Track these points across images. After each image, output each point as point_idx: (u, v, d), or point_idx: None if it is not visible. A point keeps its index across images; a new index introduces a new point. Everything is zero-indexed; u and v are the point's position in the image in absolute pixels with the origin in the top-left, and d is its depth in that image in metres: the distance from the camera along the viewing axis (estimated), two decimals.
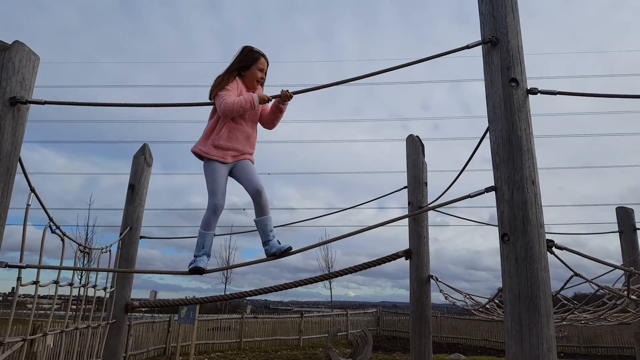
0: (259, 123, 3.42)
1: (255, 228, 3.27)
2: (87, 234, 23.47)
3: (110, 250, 4.36)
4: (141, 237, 4.76)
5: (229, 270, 32.77)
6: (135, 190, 4.70)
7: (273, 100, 3.21)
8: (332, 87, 3.06)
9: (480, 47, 2.55)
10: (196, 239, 3.19)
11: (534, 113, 2.39)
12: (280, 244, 3.18)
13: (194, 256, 3.14)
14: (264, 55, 3.37)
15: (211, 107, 3.29)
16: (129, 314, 4.66)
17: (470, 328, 20.78)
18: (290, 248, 3.12)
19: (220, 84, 3.20)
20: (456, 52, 2.72)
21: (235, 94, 3.15)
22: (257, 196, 3.19)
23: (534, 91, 2.41)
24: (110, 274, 4.55)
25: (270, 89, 3.44)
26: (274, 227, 3.27)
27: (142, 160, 4.79)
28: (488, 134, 2.47)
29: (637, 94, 2.77)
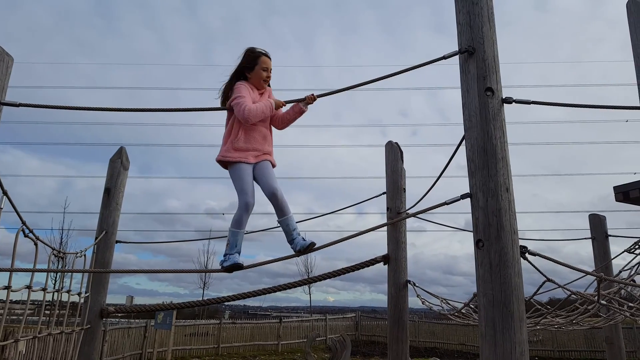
0: (272, 124, 3.50)
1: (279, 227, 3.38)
2: (61, 238, 22.97)
3: (85, 255, 4.28)
4: (117, 242, 4.68)
5: (207, 275, 32.44)
6: (111, 194, 4.63)
7: (286, 105, 3.35)
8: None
9: (457, 56, 2.60)
10: (227, 238, 3.25)
11: (508, 121, 2.45)
12: (304, 240, 3.29)
13: (225, 255, 3.21)
14: (266, 54, 3.41)
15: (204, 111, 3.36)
16: (104, 319, 4.57)
17: (447, 332, 20.99)
18: (313, 244, 3.23)
19: (232, 91, 3.29)
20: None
21: (250, 99, 3.24)
22: (273, 198, 3.28)
23: (509, 100, 2.47)
24: (85, 279, 4.46)
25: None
26: (245, 233, 3.34)
27: (118, 163, 4.72)
28: (464, 141, 2.52)
29: (609, 105, 2.85)
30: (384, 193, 4.93)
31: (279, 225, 3.39)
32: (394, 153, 4.85)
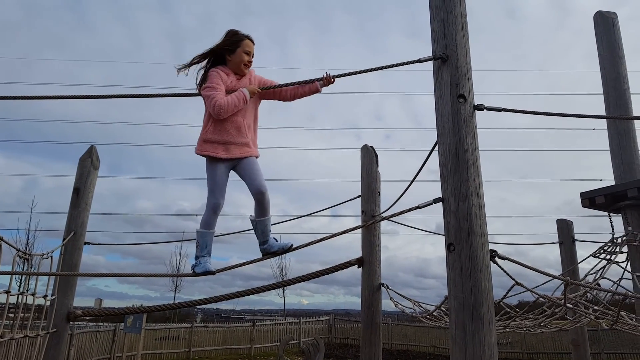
0: (275, 99, 3.38)
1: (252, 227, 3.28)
2: (27, 239, 22.26)
3: (52, 257, 4.16)
4: (86, 243, 4.57)
5: (178, 278, 31.95)
6: (80, 194, 4.52)
7: (260, 91, 3.18)
8: None
9: (430, 61, 2.64)
10: (196, 241, 3.14)
11: (478, 127, 2.50)
12: (277, 241, 3.23)
13: (196, 257, 3.11)
14: (249, 38, 3.26)
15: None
16: (71, 323, 4.46)
17: (420, 335, 21.20)
18: (292, 245, 3.19)
19: (207, 77, 3.11)
20: (408, 65, 2.82)
21: (222, 89, 3.05)
22: (260, 196, 3.15)
23: (480, 107, 2.52)
24: (52, 281, 4.34)
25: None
26: (225, 232, 3.27)
27: (88, 163, 4.62)
28: (437, 147, 2.56)
29: (576, 113, 2.95)
30: (359, 196, 4.96)
31: (253, 225, 3.27)
32: (369, 157, 4.89)
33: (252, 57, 3.27)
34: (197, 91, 3.17)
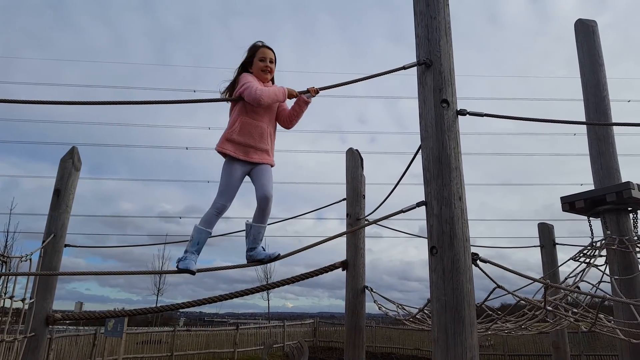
0: (277, 123, 3.44)
1: (244, 231, 3.33)
2: (6, 241, 21.80)
3: (31, 259, 4.09)
4: (66, 246, 4.50)
5: (161, 281, 31.64)
6: (61, 196, 4.45)
7: (299, 95, 3.26)
8: None
9: (415, 67, 2.67)
10: (190, 236, 3.16)
11: (461, 132, 2.53)
12: (265, 250, 3.27)
13: (186, 251, 3.10)
14: (264, 45, 3.38)
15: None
16: (50, 326, 4.38)
17: (404, 338, 21.28)
18: (279, 255, 3.24)
19: (237, 83, 3.22)
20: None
21: (258, 83, 3.17)
22: (264, 202, 3.22)
23: (463, 112, 2.55)
24: (30, 284, 4.26)
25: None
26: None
27: (69, 163, 4.55)
28: (420, 151, 2.58)
29: (557, 119, 3.00)
30: (344, 199, 4.97)
31: (247, 229, 3.30)
32: (354, 160, 4.91)
33: (271, 62, 3.37)
34: (224, 94, 3.31)
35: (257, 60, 3.31)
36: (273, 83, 3.45)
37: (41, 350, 4.19)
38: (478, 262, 2.40)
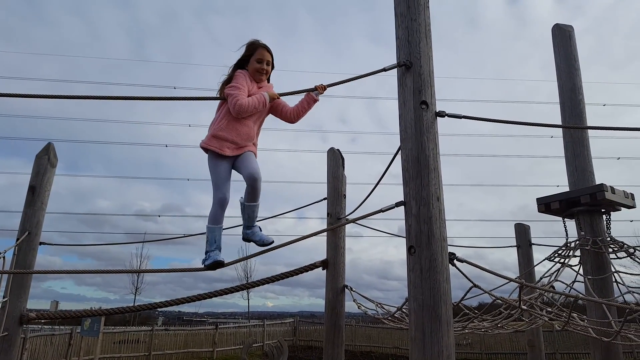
0: (280, 118, 3.50)
1: (240, 212, 3.36)
2: None
3: (4, 257, 4.00)
4: (41, 243, 4.41)
5: (139, 280, 31.25)
6: (36, 193, 4.36)
7: (280, 97, 3.33)
8: None
9: (395, 68, 2.70)
10: (205, 235, 3.20)
11: (440, 133, 2.56)
12: (261, 231, 3.32)
13: (206, 252, 3.15)
14: (264, 46, 3.38)
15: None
16: (24, 326, 4.29)
17: (383, 336, 21.43)
18: (272, 242, 3.30)
19: (233, 78, 3.25)
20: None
21: (245, 90, 3.18)
22: (253, 181, 3.23)
23: (442, 114, 2.58)
24: (4, 282, 4.16)
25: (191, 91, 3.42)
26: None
27: (45, 160, 4.46)
28: (400, 151, 2.61)
29: (534, 122, 3.06)
30: (324, 199, 4.98)
31: (242, 207, 3.34)
32: (335, 160, 4.92)
33: (268, 65, 3.40)
34: (219, 90, 3.33)
35: (254, 60, 3.34)
36: (269, 82, 3.50)
37: (14, 350, 4.11)
38: (455, 261, 2.43)
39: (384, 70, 2.75)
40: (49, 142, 4.57)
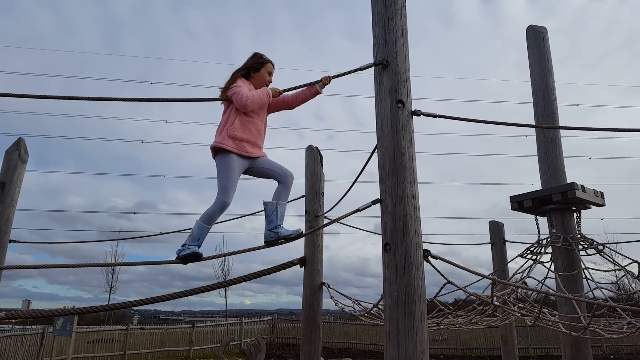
0: (281, 109, 3.65)
1: (262, 210, 3.37)
2: None
3: None
4: (11, 241, 4.30)
5: (113, 278, 30.73)
6: (6, 189, 4.24)
7: (282, 93, 3.46)
8: None
9: (372, 67, 2.72)
10: (190, 230, 3.16)
11: (415, 131, 2.60)
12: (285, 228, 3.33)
13: (184, 244, 3.09)
14: (272, 62, 3.61)
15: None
16: None
17: (361, 333, 21.58)
18: (301, 232, 3.31)
19: (234, 84, 3.34)
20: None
21: (247, 89, 3.30)
22: (291, 179, 3.39)
23: (417, 113, 2.62)
24: None
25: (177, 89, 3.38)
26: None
27: (15, 155, 4.35)
28: (376, 149, 2.63)
29: (508, 122, 3.12)
30: (303, 196, 4.99)
31: (272, 208, 3.32)
32: (313, 157, 4.93)
33: (271, 80, 3.61)
34: (219, 94, 3.42)
35: (265, 72, 3.55)
36: None
37: None
38: (430, 258, 2.47)
39: (360, 69, 2.77)
40: (19, 137, 4.45)
